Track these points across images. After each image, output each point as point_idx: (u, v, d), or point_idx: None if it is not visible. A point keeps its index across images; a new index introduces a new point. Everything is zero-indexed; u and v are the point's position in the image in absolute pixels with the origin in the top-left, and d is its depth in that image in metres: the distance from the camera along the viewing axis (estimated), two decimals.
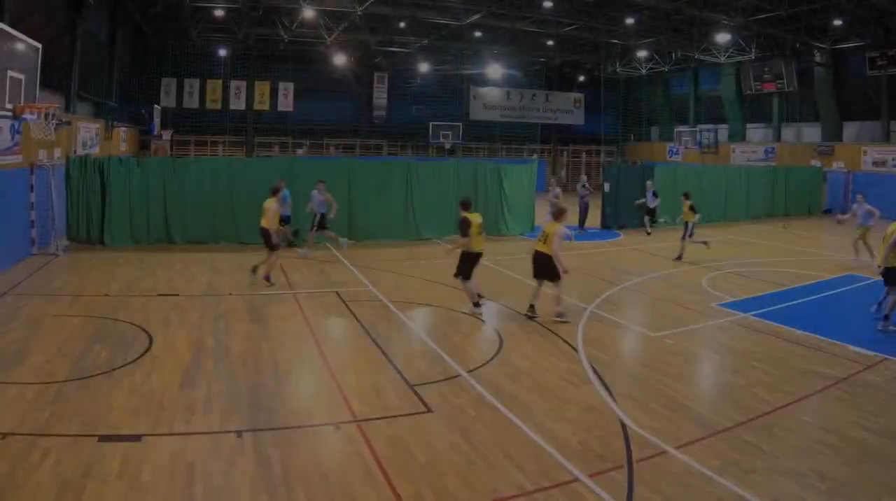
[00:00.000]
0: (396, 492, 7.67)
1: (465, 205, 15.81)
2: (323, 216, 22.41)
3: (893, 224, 14.89)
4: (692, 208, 23.40)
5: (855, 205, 23.84)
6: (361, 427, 9.35)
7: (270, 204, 17.92)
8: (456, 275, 15.74)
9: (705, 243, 23.90)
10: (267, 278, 18.00)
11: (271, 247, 17.97)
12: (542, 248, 14.98)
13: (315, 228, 22.49)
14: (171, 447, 8.56)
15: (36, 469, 7.80)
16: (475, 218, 15.53)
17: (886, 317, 14.76)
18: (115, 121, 37.32)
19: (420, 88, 57.09)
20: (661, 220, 31.30)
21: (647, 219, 30.68)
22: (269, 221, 17.76)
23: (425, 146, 56.81)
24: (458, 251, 15.68)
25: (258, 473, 7.95)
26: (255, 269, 18.57)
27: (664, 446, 8.84)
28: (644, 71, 55.77)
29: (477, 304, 15.59)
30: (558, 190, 29.88)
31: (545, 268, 15.02)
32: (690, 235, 23.24)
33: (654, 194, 30.24)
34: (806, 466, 8.37)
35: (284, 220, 21.63)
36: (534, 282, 15.62)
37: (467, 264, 15.57)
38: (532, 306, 15.34)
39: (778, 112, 49.55)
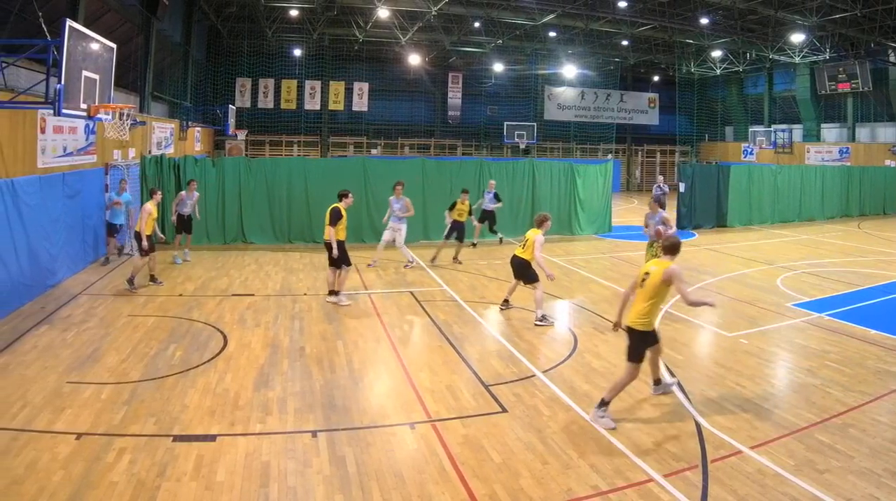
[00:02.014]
0: (471, 492, 7.69)
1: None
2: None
3: None
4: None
5: None
6: (436, 427, 9.38)
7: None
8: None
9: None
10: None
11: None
12: (520, 253, 15.22)
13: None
14: (246, 447, 8.63)
15: (111, 469, 7.93)
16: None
17: None
18: (190, 121, 38.10)
19: (494, 88, 57.01)
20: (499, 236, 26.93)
21: (485, 224, 25.72)
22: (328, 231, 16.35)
23: (500, 146, 56.81)
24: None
25: (333, 473, 7.98)
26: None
27: (739, 446, 8.85)
28: (718, 71, 55.73)
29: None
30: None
31: (521, 272, 15.32)
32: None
33: (496, 196, 25.34)
34: (881, 466, 8.33)
35: None
36: (513, 281, 15.94)
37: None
38: (506, 300, 16.18)
39: (852, 112, 48.94)
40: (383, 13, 39.78)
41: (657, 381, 10.68)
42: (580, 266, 21.21)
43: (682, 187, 31.86)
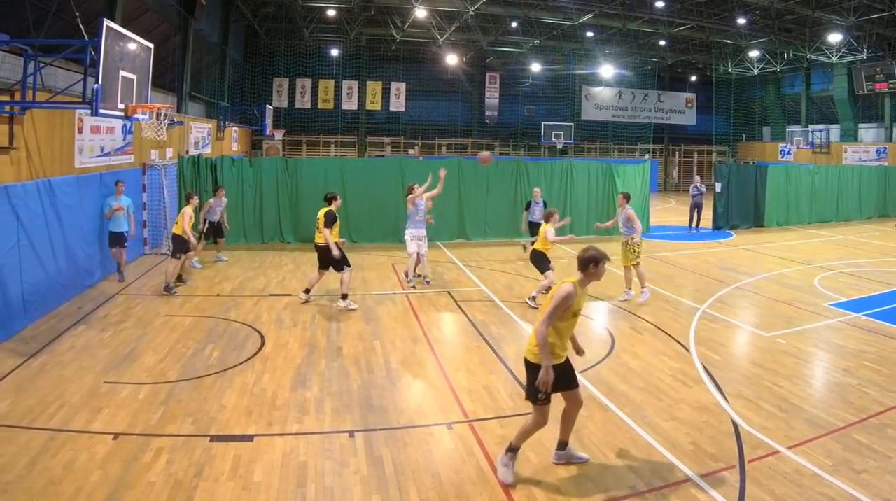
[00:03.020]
0: (508, 492, 7.71)
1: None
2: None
3: None
4: None
5: None
6: (473, 427, 9.40)
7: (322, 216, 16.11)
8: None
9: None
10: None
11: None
12: (538, 246, 16.42)
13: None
14: (283, 447, 8.65)
15: (148, 470, 7.97)
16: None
17: None
18: (227, 121, 38.38)
19: (532, 88, 56.93)
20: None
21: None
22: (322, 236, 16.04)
23: (537, 146, 56.76)
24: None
25: (370, 473, 7.98)
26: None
27: (776, 446, 8.85)
28: (756, 71, 55.55)
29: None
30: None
31: (536, 262, 16.51)
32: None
33: (545, 205, 22.00)
34: None
35: None
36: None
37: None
38: (533, 296, 16.55)
39: (890, 112, 48.47)
40: (420, 13, 39.96)
41: (562, 444, 8.46)
42: (617, 266, 20.99)
43: (718, 187, 31.81)
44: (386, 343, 13.23)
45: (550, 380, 7.69)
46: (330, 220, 15.88)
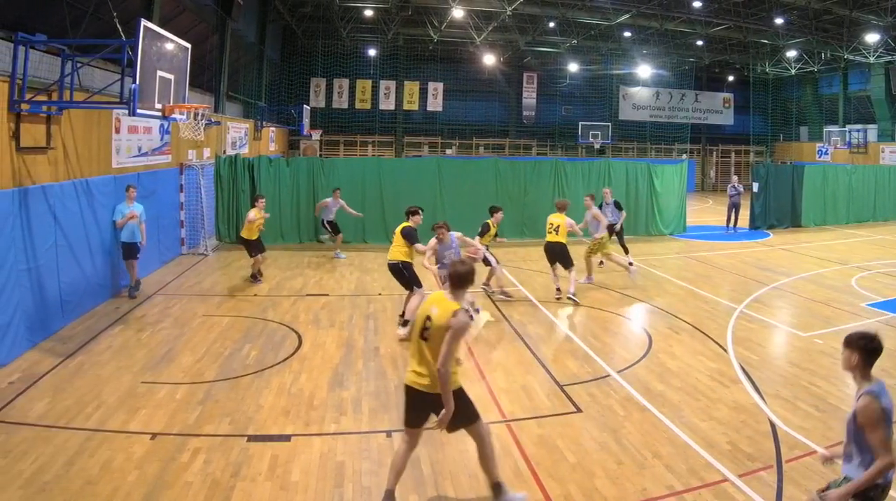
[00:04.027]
0: (546, 492, 7.71)
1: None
2: None
3: None
4: None
5: None
6: (511, 427, 9.41)
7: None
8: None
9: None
10: None
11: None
12: (554, 239, 16.64)
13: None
14: (320, 447, 8.67)
15: (185, 469, 8.01)
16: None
17: None
18: (265, 121, 38.59)
19: (569, 88, 56.72)
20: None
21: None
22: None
23: (574, 146, 56.51)
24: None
25: (407, 472, 7.89)
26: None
27: (814, 446, 8.78)
28: (793, 71, 55.15)
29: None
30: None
31: (561, 256, 16.71)
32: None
33: (618, 205, 21.46)
34: None
35: None
36: (550, 270, 17.22)
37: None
38: (558, 288, 16.93)
39: None
40: (458, 13, 39.97)
41: (495, 486, 7.36)
42: (655, 266, 21.21)
43: (755, 187, 31.74)
44: None
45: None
46: (409, 237, 14.02)
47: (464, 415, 7.18)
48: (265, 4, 40.04)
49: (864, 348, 5.94)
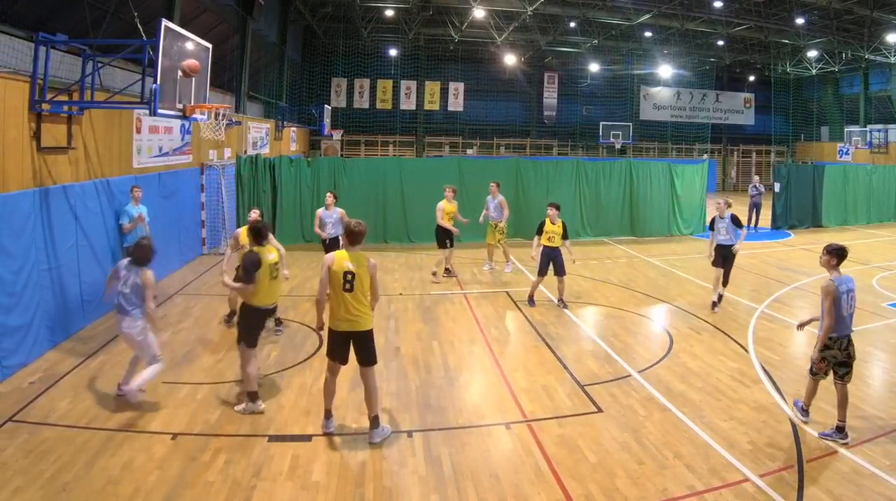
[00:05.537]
0: (567, 492, 7.74)
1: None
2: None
3: None
4: None
5: None
6: (532, 427, 9.43)
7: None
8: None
9: None
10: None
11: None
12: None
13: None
14: (341, 447, 8.70)
15: (206, 469, 8.06)
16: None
17: None
18: (285, 121, 38.72)
19: (590, 88, 56.74)
20: None
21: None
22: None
23: (595, 146, 56.46)
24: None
25: (428, 472, 8.00)
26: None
27: (834, 446, 8.91)
28: (814, 71, 54.94)
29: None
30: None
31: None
32: None
33: (735, 220, 16.23)
34: None
35: None
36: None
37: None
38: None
39: None
40: (479, 13, 40.03)
41: (373, 419, 8.87)
42: (676, 266, 21.20)
43: (776, 187, 31.73)
44: (444, 343, 13.25)
45: None
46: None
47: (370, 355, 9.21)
48: (286, 4, 40.17)
49: (837, 253, 9.79)
